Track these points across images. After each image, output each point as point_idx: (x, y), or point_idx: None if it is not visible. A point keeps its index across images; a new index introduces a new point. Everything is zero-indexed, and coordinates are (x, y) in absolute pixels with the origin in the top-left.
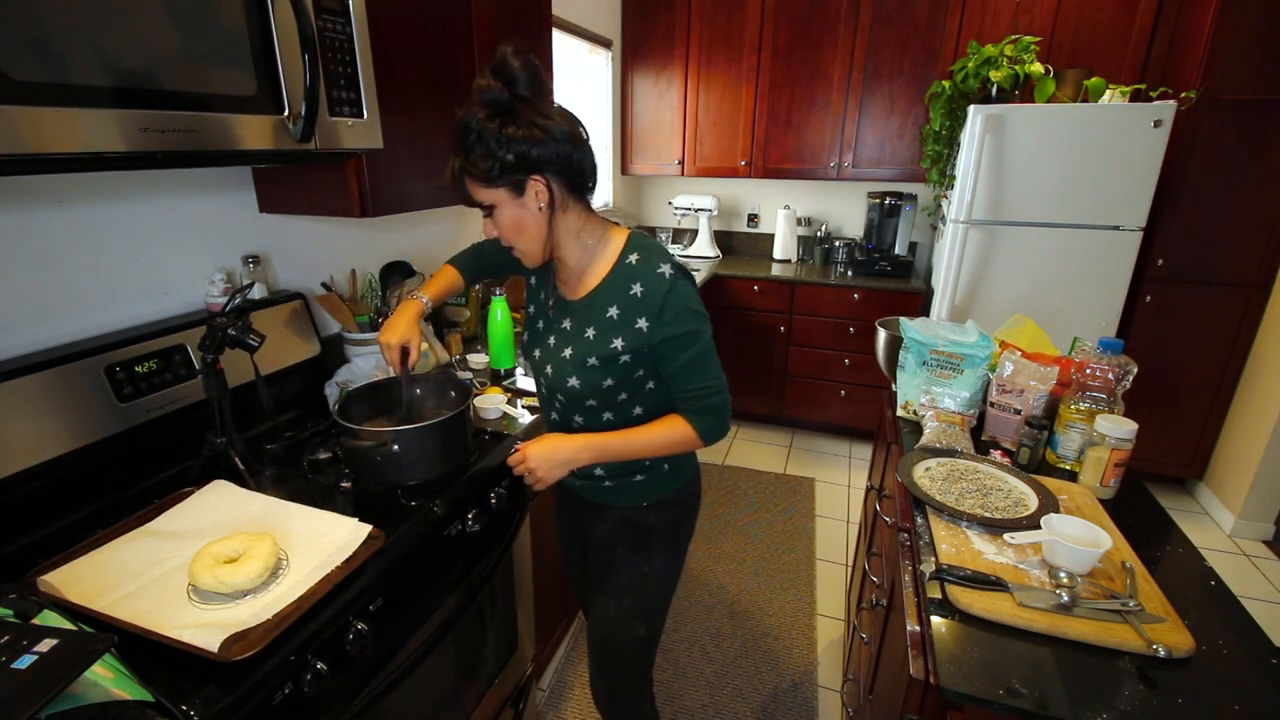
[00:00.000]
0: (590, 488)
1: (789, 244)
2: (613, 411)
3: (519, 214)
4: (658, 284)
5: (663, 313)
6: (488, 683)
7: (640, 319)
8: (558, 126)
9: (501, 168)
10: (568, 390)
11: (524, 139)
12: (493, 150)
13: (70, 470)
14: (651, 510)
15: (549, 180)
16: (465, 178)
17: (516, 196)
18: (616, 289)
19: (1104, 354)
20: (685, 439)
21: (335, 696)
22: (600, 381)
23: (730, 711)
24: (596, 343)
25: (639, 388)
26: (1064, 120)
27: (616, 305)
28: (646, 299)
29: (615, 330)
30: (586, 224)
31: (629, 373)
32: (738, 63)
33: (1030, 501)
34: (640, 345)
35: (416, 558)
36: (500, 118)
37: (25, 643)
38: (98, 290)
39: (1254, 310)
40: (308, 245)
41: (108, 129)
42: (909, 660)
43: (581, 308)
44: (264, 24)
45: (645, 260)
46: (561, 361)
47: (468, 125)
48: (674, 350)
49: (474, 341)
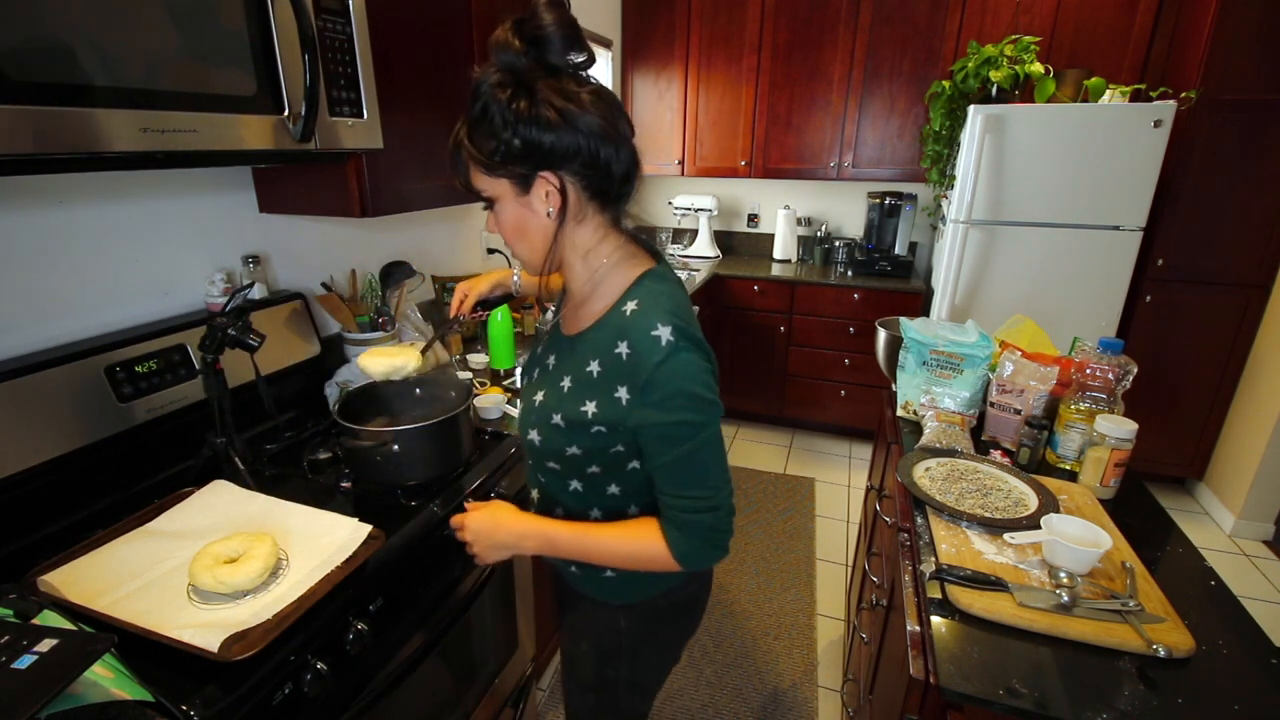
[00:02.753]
0: (560, 565)
1: (789, 244)
2: (581, 482)
3: (522, 214)
4: (649, 350)
5: (648, 390)
6: (488, 683)
7: (620, 388)
8: (587, 113)
9: (505, 154)
10: (528, 443)
11: (537, 121)
12: (497, 129)
13: (70, 470)
14: (622, 613)
15: (565, 181)
16: (464, 155)
17: (520, 193)
18: (603, 340)
19: (1104, 354)
20: (656, 557)
21: (335, 696)
22: (563, 446)
23: (730, 711)
24: (567, 398)
25: (617, 464)
26: (1064, 120)
27: (598, 360)
28: (631, 365)
29: (590, 391)
30: (602, 244)
31: (602, 445)
32: (738, 63)
33: (1030, 501)
34: (616, 420)
35: (416, 558)
36: (514, 89)
37: (25, 643)
38: (98, 290)
39: (1254, 310)
40: (308, 245)
41: (107, 129)
42: (909, 660)
43: (568, 349)
44: (264, 24)
45: (643, 313)
46: (530, 406)
47: (476, 91)
48: (658, 442)
49: (474, 341)
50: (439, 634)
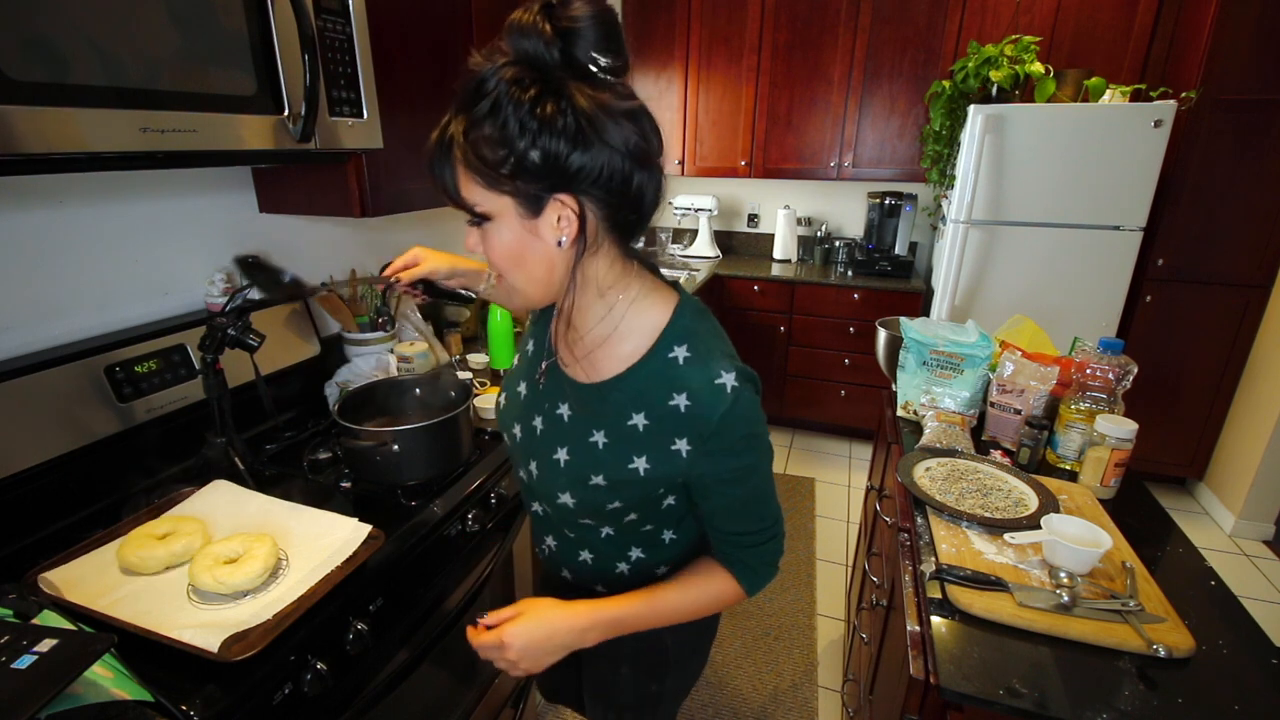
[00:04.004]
0: None
1: (789, 244)
2: (615, 528)
3: (523, 240)
4: (714, 399)
5: (715, 438)
6: (488, 683)
7: (680, 440)
8: (624, 127)
9: (517, 167)
10: (557, 506)
11: (564, 132)
12: (510, 136)
13: (70, 470)
14: (667, 631)
15: (584, 206)
16: (455, 157)
17: (527, 216)
18: (649, 391)
19: (1104, 354)
20: (728, 596)
21: (335, 696)
22: (604, 503)
23: (730, 711)
24: (607, 456)
25: (655, 506)
26: (1064, 120)
27: (645, 414)
28: (694, 418)
29: (638, 446)
30: (620, 279)
31: (644, 493)
32: (738, 63)
33: (1030, 501)
34: (673, 474)
35: (416, 558)
36: (538, 86)
37: (25, 643)
38: (98, 290)
39: (1254, 310)
40: (308, 245)
41: (107, 129)
42: (909, 660)
43: (592, 398)
44: (264, 24)
45: (699, 360)
46: (552, 467)
47: (482, 84)
48: (722, 485)
49: (474, 341)
50: (439, 634)
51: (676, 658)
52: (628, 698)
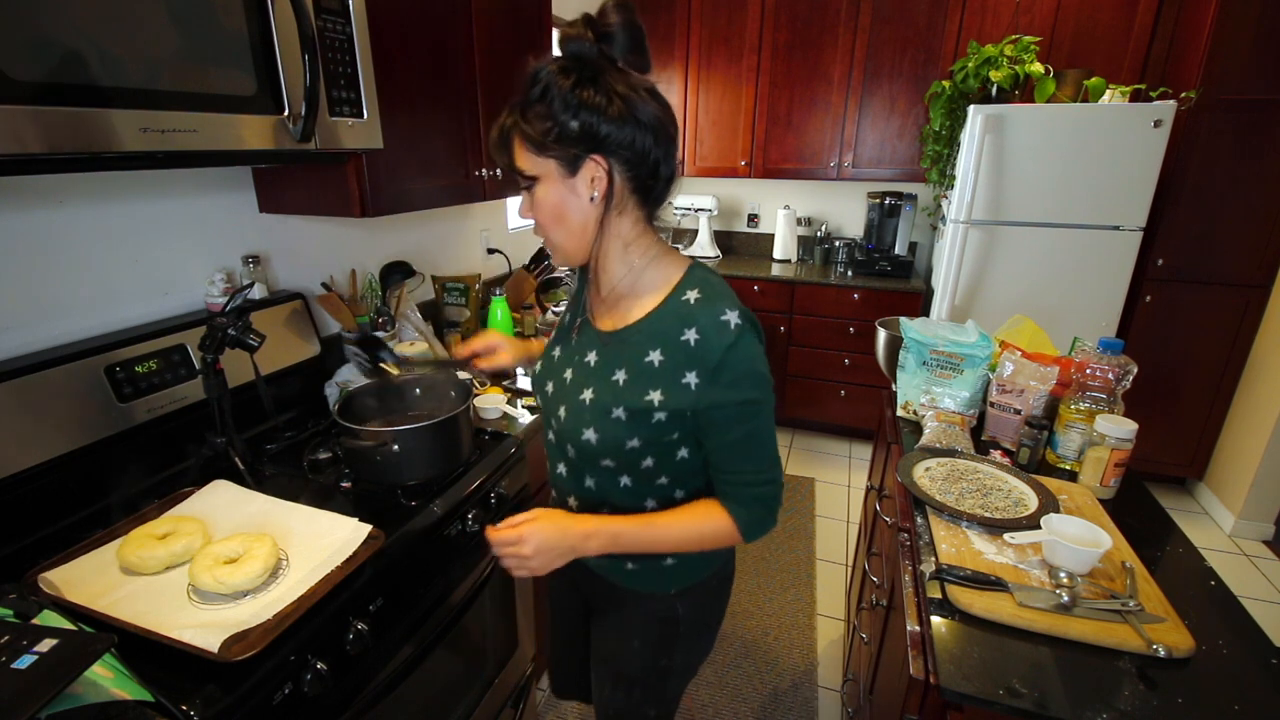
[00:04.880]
0: (609, 567)
1: (789, 244)
2: (633, 477)
3: (563, 197)
4: (719, 334)
5: (720, 371)
6: (488, 683)
7: (689, 373)
8: (645, 107)
9: (559, 134)
10: (581, 444)
11: (597, 108)
12: (554, 111)
13: (70, 470)
14: (680, 599)
15: (612, 167)
16: (515, 136)
17: (567, 175)
18: (664, 330)
19: (1104, 354)
20: (721, 534)
21: (335, 696)
22: (624, 439)
23: (730, 711)
24: (626, 390)
25: (669, 455)
26: (1064, 120)
27: (661, 350)
28: (702, 350)
29: (653, 380)
30: (640, 238)
31: (660, 435)
32: (738, 63)
33: (1030, 501)
34: (683, 407)
35: (416, 558)
36: (577, 75)
37: (25, 643)
38: (98, 290)
39: (1254, 310)
40: (308, 245)
41: (108, 129)
42: (909, 660)
43: (613, 342)
44: (264, 24)
45: (708, 301)
46: (578, 406)
47: (535, 76)
48: (726, 421)
49: None
50: (439, 634)
51: (686, 631)
52: (636, 670)
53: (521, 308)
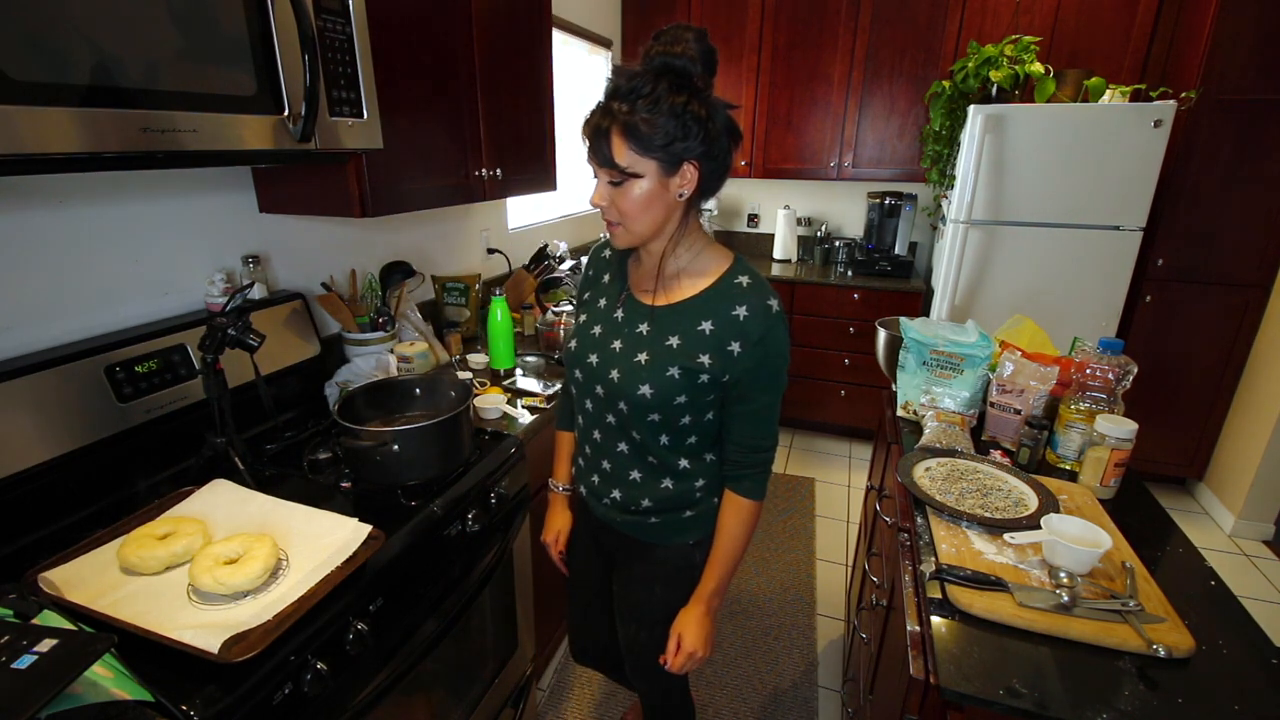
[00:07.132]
0: (634, 524)
1: (789, 244)
2: (670, 435)
3: (657, 193)
4: (764, 315)
5: (760, 344)
6: (488, 683)
7: (735, 343)
8: (730, 123)
9: (667, 142)
10: (635, 398)
11: (703, 122)
12: (665, 120)
13: (70, 470)
14: (698, 548)
15: (702, 171)
16: (616, 134)
17: (666, 175)
18: (717, 306)
19: (1104, 354)
20: (750, 515)
21: (335, 696)
22: (674, 395)
23: (730, 711)
24: (680, 352)
25: (701, 414)
26: (1064, 120)
27: (712, 321)
28: (748, 325)
29: (704, 345)
30: (697, 229)
31: (702, 394)
32: (738, 63)
33: (1030, 501)
34: (724, 370)
35: (416, 558)
36: (688, 92)
37: (25, 643)
38: (98, 290)
39: (1254, 310)
40: (308, 245)
41: (108, 129)
42: (909, 660)
43: (666, 314)
44: (264, 24)
45: (757, 288)
46: (634, 366)
47: (644, 82)
48: (755, 387)
49: (474, 341)
50: (439, 634)
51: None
52: (659, 612)
53: (521, 308)
